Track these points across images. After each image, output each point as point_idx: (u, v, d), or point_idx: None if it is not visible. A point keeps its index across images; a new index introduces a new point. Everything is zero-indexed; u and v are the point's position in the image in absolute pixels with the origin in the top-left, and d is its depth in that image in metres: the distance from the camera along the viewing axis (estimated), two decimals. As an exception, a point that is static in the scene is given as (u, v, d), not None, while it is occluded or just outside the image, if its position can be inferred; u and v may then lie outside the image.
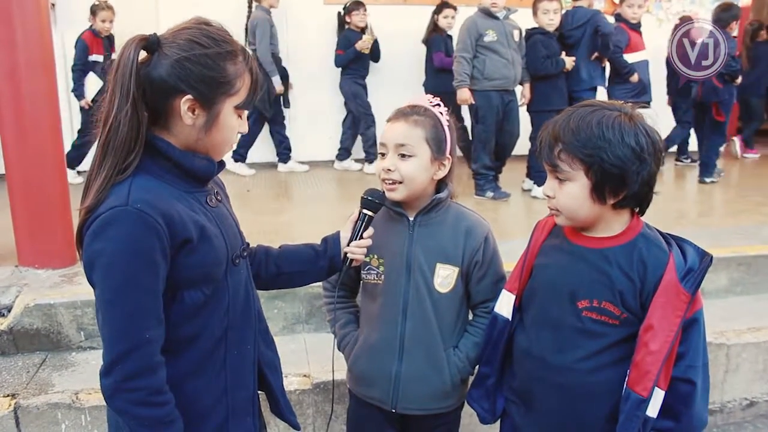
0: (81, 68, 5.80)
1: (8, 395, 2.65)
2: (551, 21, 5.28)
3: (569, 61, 5.33)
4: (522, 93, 5.49)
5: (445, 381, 1.89)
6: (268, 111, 6.26)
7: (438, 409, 1.93)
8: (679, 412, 1.55)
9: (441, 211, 1.88)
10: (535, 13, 5.35)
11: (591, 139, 1.49)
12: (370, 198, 1.76)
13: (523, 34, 5.39)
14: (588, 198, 1.53)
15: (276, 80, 6.17)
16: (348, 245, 1.75)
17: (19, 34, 3.26)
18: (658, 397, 1.52)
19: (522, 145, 5.68)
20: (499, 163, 5.57)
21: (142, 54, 1.37)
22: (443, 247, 1.85)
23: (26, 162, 3.38)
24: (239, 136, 1.56)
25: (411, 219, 1.86)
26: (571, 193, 1.54)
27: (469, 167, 5.61)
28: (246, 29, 6.19)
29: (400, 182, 1.80)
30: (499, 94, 5.23)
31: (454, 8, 6.36)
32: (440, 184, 1.88)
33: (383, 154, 1.82)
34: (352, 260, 1.75)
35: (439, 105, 1.85)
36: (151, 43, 1.37)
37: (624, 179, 1.50)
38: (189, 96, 1.36)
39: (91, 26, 5.82)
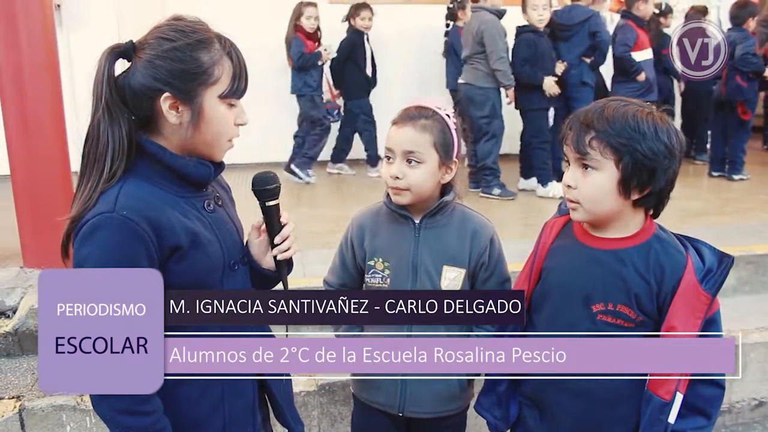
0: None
1: (13, 397, 2.66)
2: (540, 17, 5.24)
3: (560, 67, 5.34)
4: (506, 93, 5.55)
5: (452, 383, 1.87)
6: None
7: (445, 411, 1.90)
8: (708, 414, 1.54)
9: (447, 214, 1.85)
10: (524, 10, 5.31)
11: (626, 129, 1.47)
12: (262, 189, 1.53)
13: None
14: (614, 190, 1.50)
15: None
16: (272, 248, 1.55)
17: (23, 36, 3.26)
18: (677, 401, 1.50)
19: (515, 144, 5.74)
20: None
21: (125, 63, 1.36)
22: (449, 250, 1.83)
23: (31, 163, 3.38)
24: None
25: (417, 222, 1.83)
26: (598, 183, 1.51)
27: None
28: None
29: (407, 189, 1.77)
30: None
31: None
32: (445, 186, 1.85)
33: (389, 158, 1.79)
34: (285, 261, 1.57)
35: (444, 108, 1.82)
36: (125, 51, 1.36)
37: (654, 173, 1.48)
38: (167, 93, 1.34)
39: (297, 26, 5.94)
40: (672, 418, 1.50)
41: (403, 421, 1.91)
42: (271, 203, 1.53)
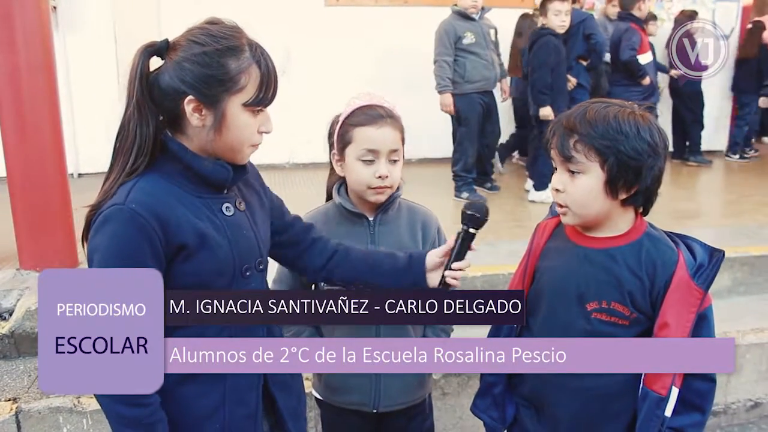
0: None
1: (10, 399, 2.65)
2: (563, 23, 5.15)
3: (570, 83, 5.32)
4: (501, 88, 5.49)
5: (422, 373, 1.91)
6: None
7: (414, 400, 1.95)
8: (703, 409, 1.55)
9: (395, 209, 1.89)
10: (544, 14, 5.20)
11: (608, 131, 1.48)
12: (474, 214, 1.62)
13: (498, 32, 5.38)
14: (601, 191, 1.52)
15: None
16: (447, 268, 1.62)
17: (19, 37, 3.25)
18: (674, 395, 1.51)
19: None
20: (485, 163, 5.60)
21: (159, 61, 1.38)
22: (404, 242, 1.87)
23: (27, 164, 3.38)
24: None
25: (371, 219, 1.86)
26: (585, 186, 1.52)
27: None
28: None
29: (390, 187, 1.80)
30: (480, 96, 5.21)
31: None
32: None
33: (371, 161, 1.78)
34: (448, 284, 1.63)
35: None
36: (159, 49, 1.38)
37: (639, 172, 1.50)
38: (191, 96, 1.35)
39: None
40: (668, 412, 1.52)
41: (375, 417, 1.93)
42: (473, 231, 1.62)
